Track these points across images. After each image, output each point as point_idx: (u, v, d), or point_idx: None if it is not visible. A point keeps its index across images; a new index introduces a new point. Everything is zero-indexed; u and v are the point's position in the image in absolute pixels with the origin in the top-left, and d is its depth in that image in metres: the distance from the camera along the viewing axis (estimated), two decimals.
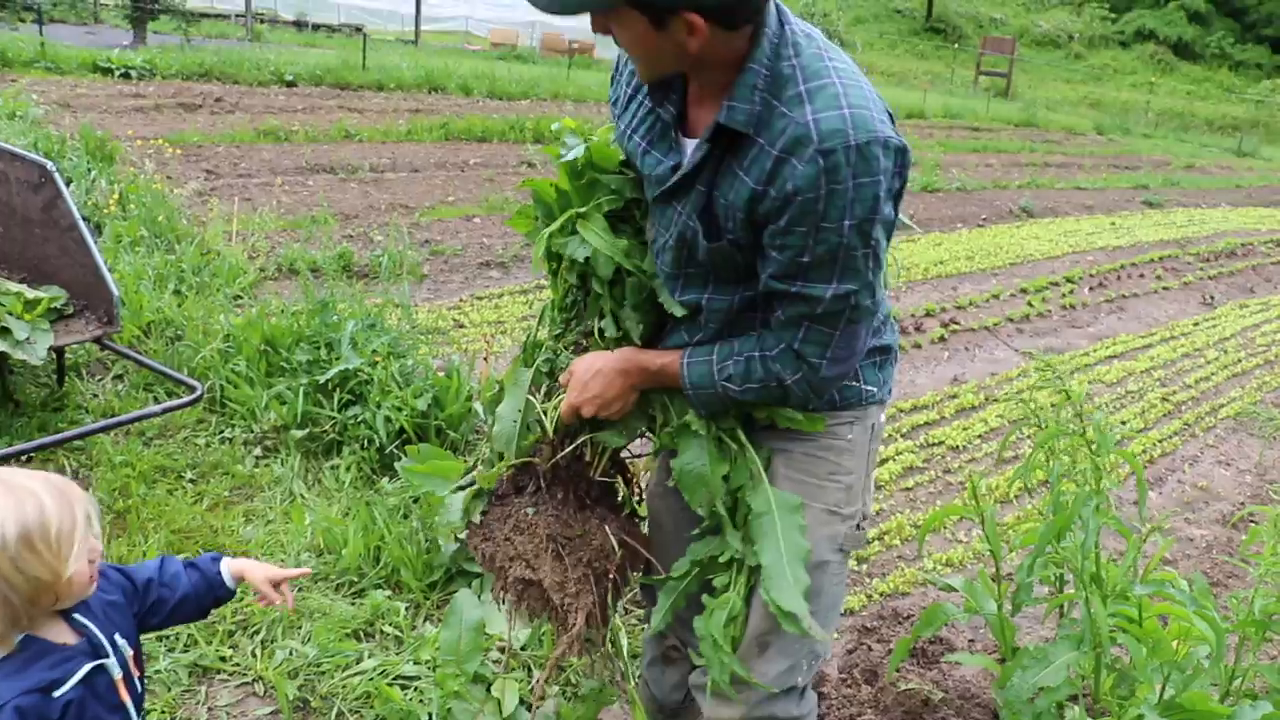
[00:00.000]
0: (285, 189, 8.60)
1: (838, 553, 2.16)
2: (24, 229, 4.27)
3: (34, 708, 1.64)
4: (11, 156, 4.21)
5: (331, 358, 4.43)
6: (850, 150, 1.75)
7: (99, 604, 1.82)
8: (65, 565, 1.64)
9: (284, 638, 3.19)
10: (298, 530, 3.69)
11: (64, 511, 1.66)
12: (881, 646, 3.53)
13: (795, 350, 1.94)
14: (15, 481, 1.65)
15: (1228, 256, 11.37)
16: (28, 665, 1.67)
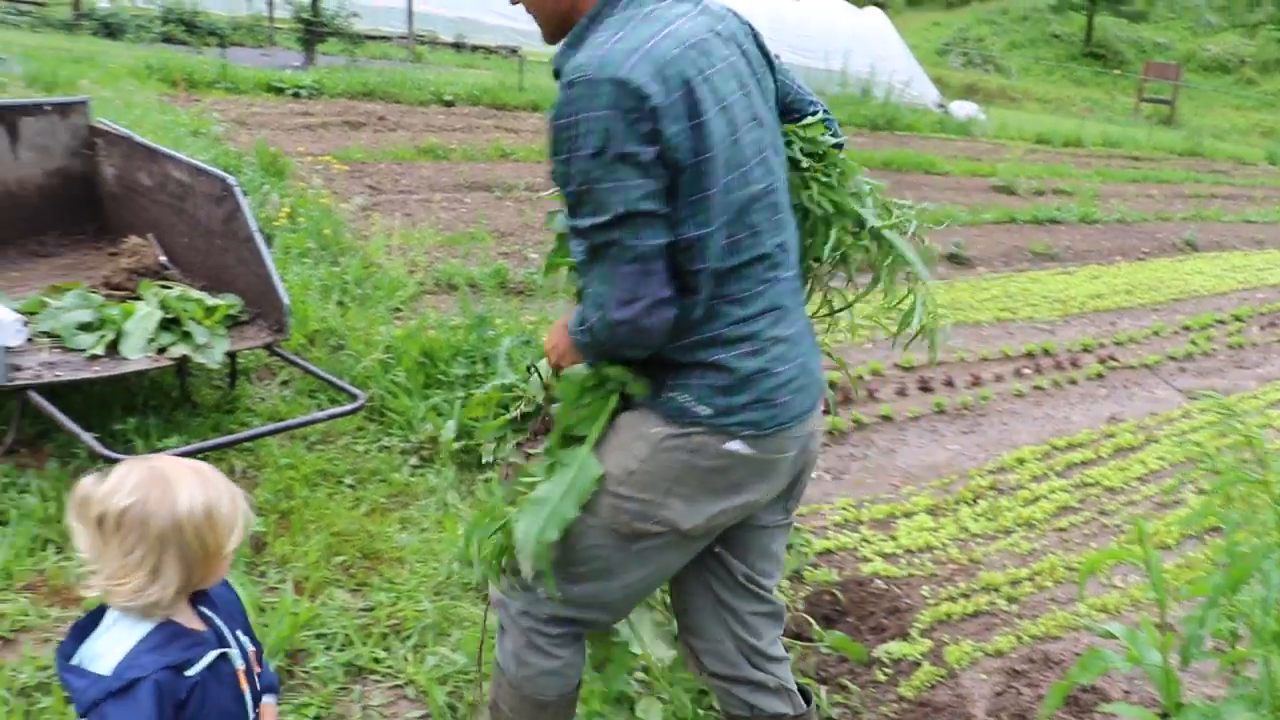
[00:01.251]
0: (443, 205, 8.82)
1: (588, 514, 2.15)
2: (206, 239, 4.48)
3: (169, 684, 1.73)
4: (197, 171, 4.43)
5: (487, 372, 4.52)
6: (584, 83, 1.89)
7: (221, 599, 1.91)
8: (228, 543, 1.77)
9: (434, 644, 3.25)
10: (450, 540, 3.77)
11: (234, 496, 1.80)
12: (1031, 691, 3.43)
13: (589, 291, 2.01)
14: (197, 464, 1.81)
15: None
16: (167, 643, 1.75)
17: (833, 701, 3.27)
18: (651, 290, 1.95)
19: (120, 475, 1.73)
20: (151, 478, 1.73)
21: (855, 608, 3.73)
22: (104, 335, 3.98)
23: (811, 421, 2.29)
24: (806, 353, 2.25)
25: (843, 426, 5.31)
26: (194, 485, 1.74)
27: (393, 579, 3.56)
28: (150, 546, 1.71)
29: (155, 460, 1.80)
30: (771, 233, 2.14)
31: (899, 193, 10.56)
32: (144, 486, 1.71)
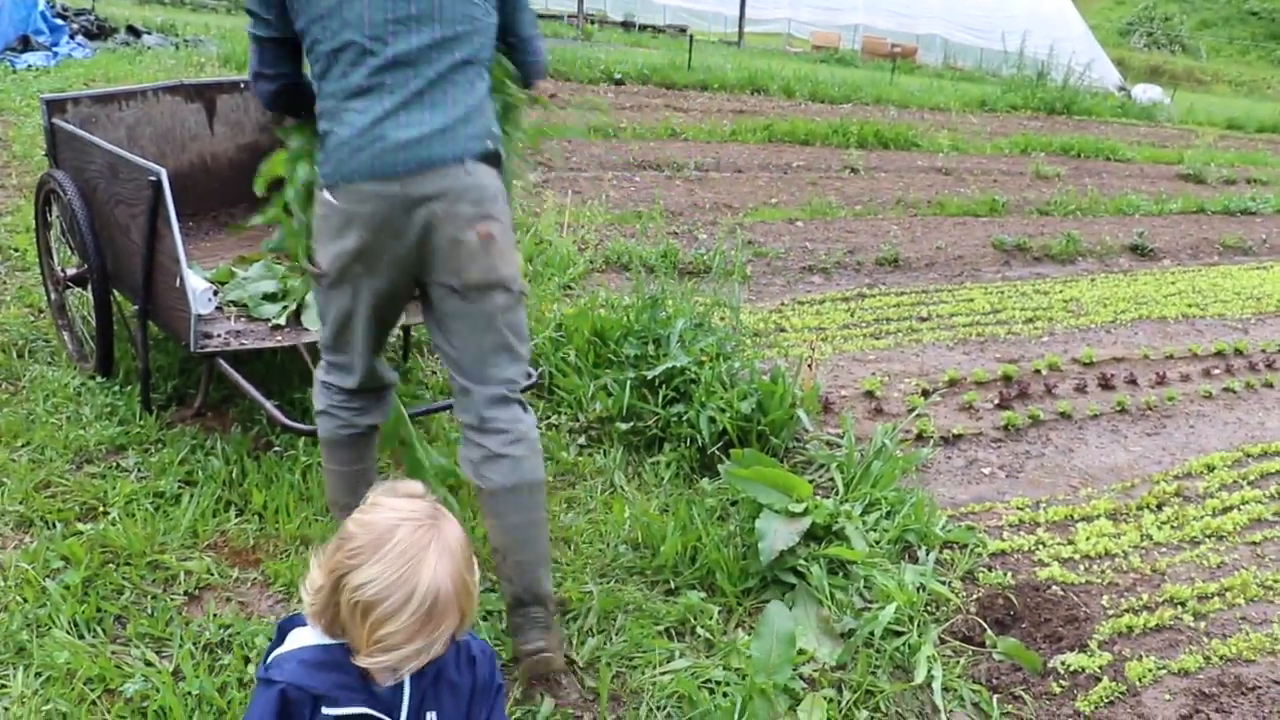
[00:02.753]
0: (613, 184, 8.85)
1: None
2: None
3: (297, 701, 1.73)
4: None
5: (659, 354, 4.50)
6: None
7: (437, 673, 1.85)
8: (379, 629, 1.68)
9: (598, 629, 3.25)
10: (617, 522, 3.77)
11: (421, 588, 1.69)
12: (1221, 718, 3.24)
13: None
14: (441, 534, 1.75)
15: None
16: (322, 667, 1.75)
17: (1004, 712, 3.16)
18: (253, 66, 2.91)
19: (389, 507, 1.76)
20: (387, 531, 1.71)
21: (1030, 614, 3.58)
22: (287, 306, 4.10)
23: (402, 186, 2.65)
24: (390, 125, 2.65)
25: (1018, 422, 5.12)
26: (393, 560, 1.68)
27: (558, 559, 3.57)
28: (327, 578, 1.72)
29: (413, 509, 1.76)
30: (369, 28, 2.63)
31: (1079, 180, 10.23)
32: (374, 529, 1.72)
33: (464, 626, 1.79)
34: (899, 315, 6.59)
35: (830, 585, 3.43)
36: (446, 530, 1.74)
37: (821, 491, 3.91)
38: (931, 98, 17.42)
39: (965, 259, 8.21)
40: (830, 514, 3.61)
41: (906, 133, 13.06)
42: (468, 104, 2.73)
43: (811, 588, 3.41)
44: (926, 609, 3.49)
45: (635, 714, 2.93)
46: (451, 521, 1.78)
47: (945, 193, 10.40)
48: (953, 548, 3.89)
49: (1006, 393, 5.44)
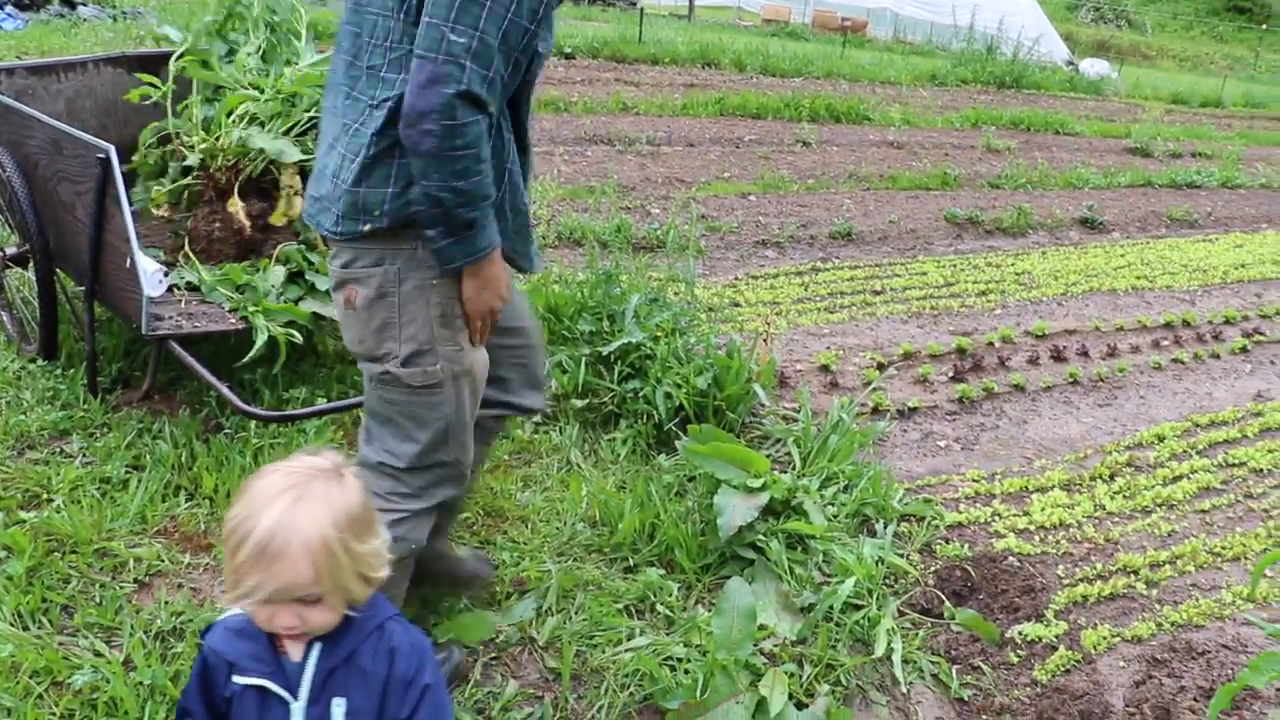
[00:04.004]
0: (565, 159, 8.78)
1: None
2: None
3: (214, 666, 1.76)
4: None
5: (614, 330, 4.46)
6: None
7: (349, 657, 1.78)
8: (233, 556, 1.66)
9: (557, 608, 3.22)
10: (574, 500, 3.74)
11: (259, 513, 1.67)
12: (1173, 682, 3.27)
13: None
14: (285, 473, 1.71)
15: None
16: (242, 636, 1.77)
17: (964, 682, 3.17)
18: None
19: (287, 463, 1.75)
20: (260, 476, 1.71)
21: (987, 585, 3.60)
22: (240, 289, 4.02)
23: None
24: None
25: (973, 395, 5.14)
26: (249, 498, 1.67)
27: (516, 538, 3.54)
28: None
29: (301, 465, 1.74)
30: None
31: (1029, 154, 10.31)
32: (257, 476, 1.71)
33: (336, 595, 1.68)
34: (853, 289, 6.59)
35: (789, 560, 3.42)
36: (330, 488, 1.68)
37: (779, 466, 3.90)
38: (882, 71, 17.45)
39: (918, 232, 8.24)
40: (788, 489, 3.61)
41: (858, 106, 13.07)
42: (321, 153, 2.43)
43: (770, 563, 3.41)
44: (885, 582, 3.50)
45: (596, 692, 2.92)
46: (347, 486, 1.71)
47: (897, 166, 10.43)
48: (910, 520, 3.90)
49: (961, 365, 5.46)
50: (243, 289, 4.01)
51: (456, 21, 2.04)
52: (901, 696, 3.10)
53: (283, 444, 3.79)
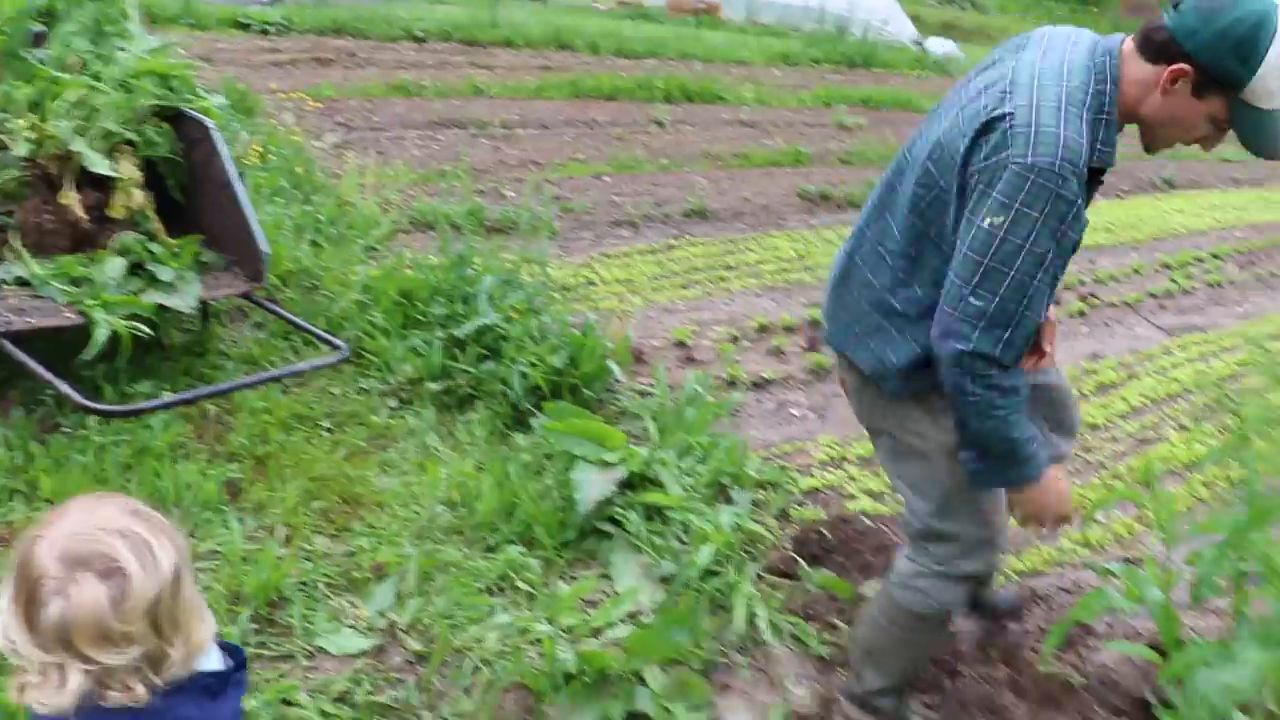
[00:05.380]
0: (417, 143, 8.66)
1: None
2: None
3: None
4: (176, 115, 4.29)
5: (468, 312, 4.43)
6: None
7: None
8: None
9: (418, 591, 3.20)
10: (432, 483, 3.71)
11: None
12: (1018, 626, 3.41)
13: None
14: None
15: None
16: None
17: (822, 640, 3.25)
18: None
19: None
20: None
21: (842, 546, 3.69)
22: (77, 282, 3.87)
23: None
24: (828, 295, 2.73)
25: (826, 364, 5.25)
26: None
27: (373, 523, 3.50)
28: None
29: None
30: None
31: (879, 130, 10.50)
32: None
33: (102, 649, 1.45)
34: (707, 265, 6.66)
35: (648, 531, 3.46)
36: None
37: (636, 440, 3.93)
38: (735, 52, 17.60)
39: (771, 208, 8.36)
40: (645, 461, 3.63)
41: (711, 87, 13.17)
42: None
43: (630, 535, 3.44)
44: (743, 548, 3.56)
45: (459, 672, 2.90)
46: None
47: (750, 144, 10.55)
48: (766, 487, 3.97)
49: (814, 336, 5.58)
50: (79, 282, 3.86)
51: (978, 286, 2.12)
52: (762, 657, 3.16)
53: (127, 441, 3.66)
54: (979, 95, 2.23)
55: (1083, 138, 2.11)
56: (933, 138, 2.31)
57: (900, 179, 2.44)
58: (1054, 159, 2.06)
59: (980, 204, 2.14)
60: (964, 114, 2.23)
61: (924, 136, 2.38)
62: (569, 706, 2.76)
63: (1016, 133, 2.10)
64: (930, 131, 2.35)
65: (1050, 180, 2.06)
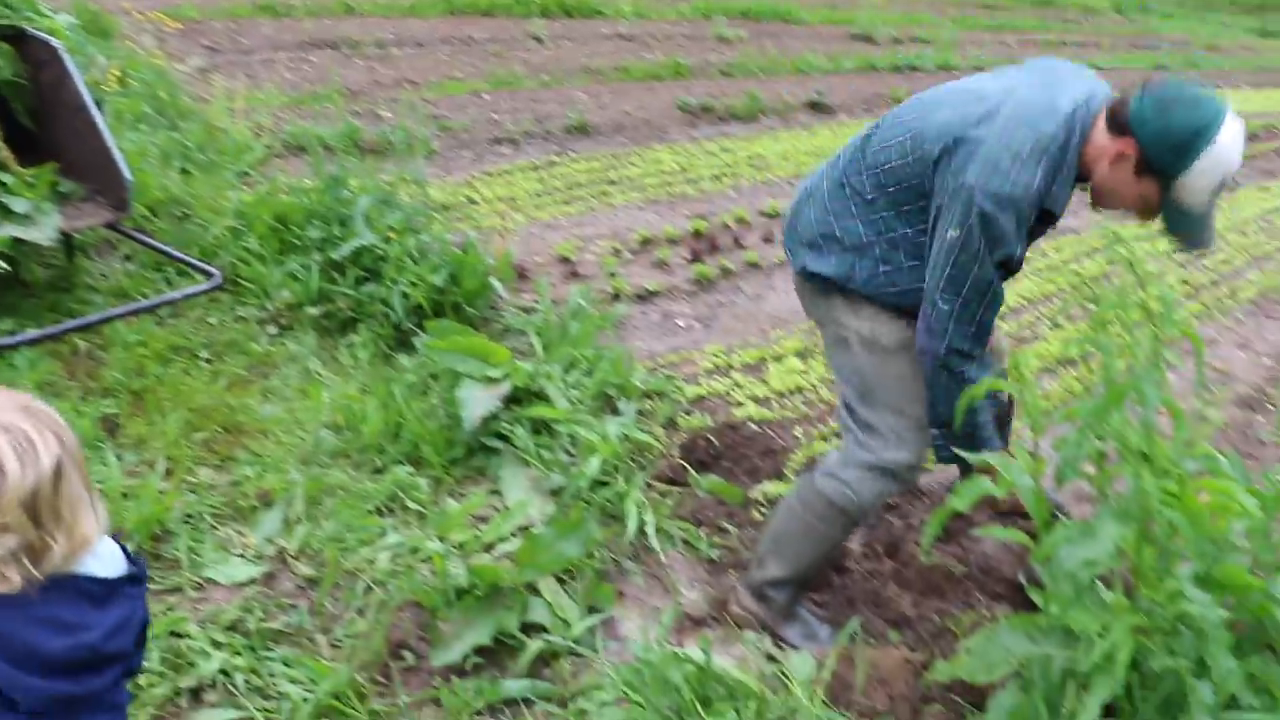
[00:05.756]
0: (288, 65, 8.40)
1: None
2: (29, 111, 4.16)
3: None
4: (18, 35, 4.08)
5: (345, 234, 4.35)
6: None
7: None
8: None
9: (306, 516, 3.17)
10: (316, 408, 3.66)
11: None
12: (902, 522, 3.52)
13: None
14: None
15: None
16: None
17: (712, 543, 3.31)
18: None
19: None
20: None
21: (730, 452, 3.75)
22: None
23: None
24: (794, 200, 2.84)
25: (710, 275, 5.29)
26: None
27: (258, 452, 3.45)
28: None
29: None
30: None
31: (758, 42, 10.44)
32: None
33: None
34: (590, 180, 6.63)
35: (536, 445, 3.47)
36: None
37: (521, 356, 3.92)
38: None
39: (652, 122, 8.32)
40: (530, 376, 3.63)
41: (590, 0, 13.01)
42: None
43: (518, 450, 3.44)
44: (631, 457, 3.59)
45: (351, 593, 2.90)
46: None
47: (630, 58, 10.47)
48: (653, 397, 4.01)
49: (697, 247, 5.60)
50: None
51: (944, 290, 2.42)
52: (655, 563, 3.21)
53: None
54: (972, 102, 2.45)
55: (1035, 181, 2.33)
56: (932, 120, 2.47)
57: (891, 127, 2.57)
58: (1001, 193, 2.31)
59: (944, 215, 2.41)
60: (953, 115, 2.43)
61: (926, 108, 2.53)
62: (463, 621, 2.77)
63: (978, 158, 2.34)
64: (931, 111, 2.50)
65: (993, 209, 2.32)
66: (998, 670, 2.28)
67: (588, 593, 2.97)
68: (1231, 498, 2.01)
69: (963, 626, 2.97)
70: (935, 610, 3.07)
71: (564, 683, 2.69)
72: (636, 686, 2.52)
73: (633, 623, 2.95)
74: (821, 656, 2.80)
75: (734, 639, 2.92)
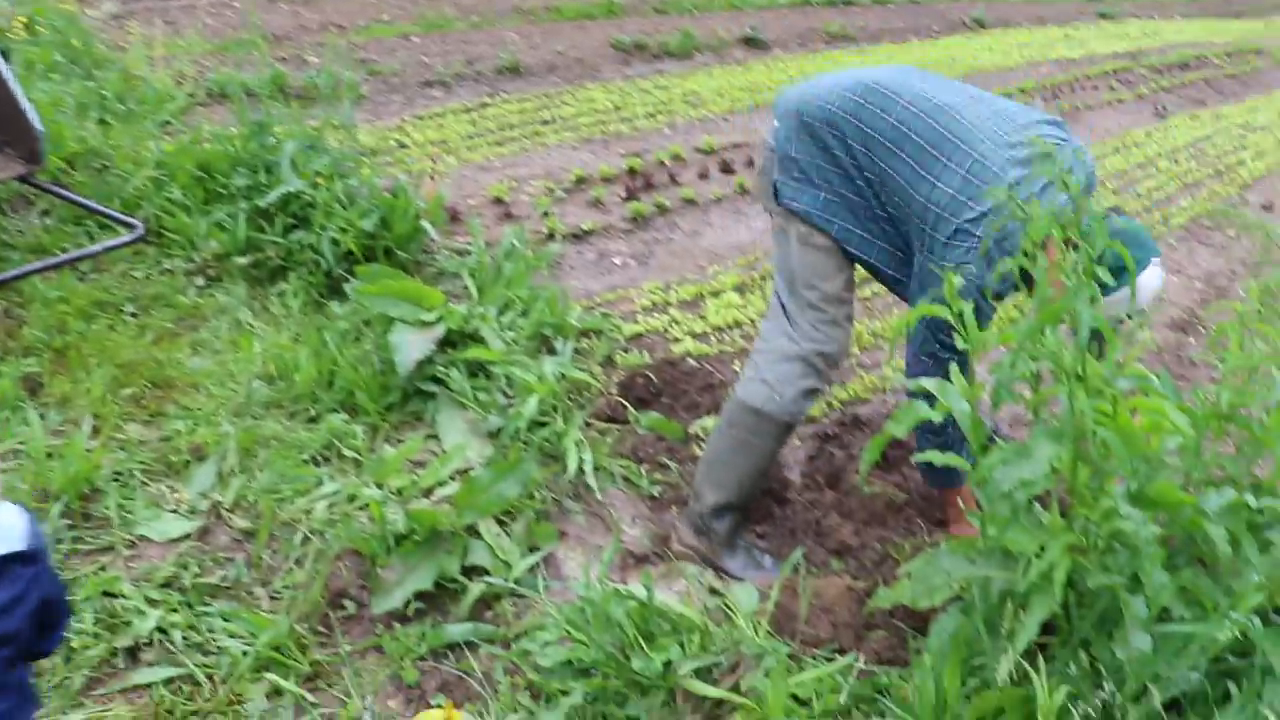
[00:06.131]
0: (209, 10, 8.18)
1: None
2: None
3: None
4: None
5: (271, 181, 4.24)
6: None
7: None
8: None
9: (240, 468, 3.11)
10: (247, 359, 3.59)
11: None
12: (843, 452, 3.52)
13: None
14: None
15: (1180, 68, 11.16)
16: None
17: (652, 480, 3.30)
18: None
19: None
20: None
21: (669, 388, 3.73)
22: None
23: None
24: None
25: (646, 212, 5.24)
26: None
27: (188, 406, 3.37)
28: None
29: None
30: None
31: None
32: None
33: None
34: (522, 121, 6.52)
35: (472, 387, 3.42)
36: None
37: (456, 299, 3.87)
38: None
39: (585, 61, 8.21)
40: (464, 318, 3.58)
41: None
42: None
43: (454, 393, 3.40)
44: (569, 397, 3.56)
45: (290, 544, 2.85)
46: None
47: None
48: (590, 336, 3.97)
49: (633, 185, 5.54)
50: None
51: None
52: (596, 502, 3.19)
53: None
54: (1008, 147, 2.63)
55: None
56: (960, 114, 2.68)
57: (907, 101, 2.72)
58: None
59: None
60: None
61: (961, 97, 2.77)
62: (403, 567, 2.74)
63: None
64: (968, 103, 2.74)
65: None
66: (938, 594, 2.29)
67: (528, 533, 2.95)
68: (1164, 416, 2.01)
69: (904, 553, 2.99)
70: (877, 538, 3.08)
71: (507, 624, 2.68)
72: (579, 625, 2.50)
73: (575, 562, 2.94)
74: (765, 587, 2.81)
75: (676, 574, 2.92)
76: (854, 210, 2.80)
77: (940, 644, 2.30)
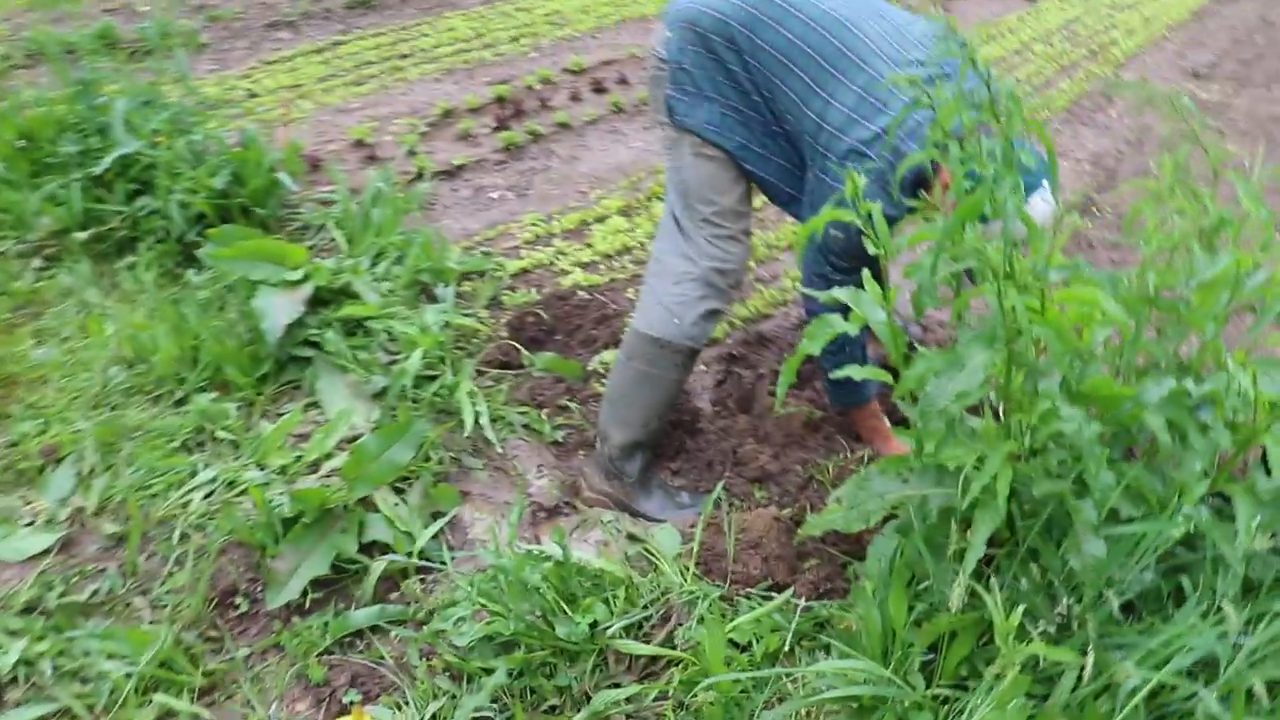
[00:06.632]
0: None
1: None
2: None
3: None
4: None
5: (105, 145, 3.88)
6: None
7: None
8: None
9: (102, 467, 2.82)
10: (99, 344, 3.27)
11: None
12: (751, 373, 3.36)
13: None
14: None
15: None
16: None
17: (555, 425, 3.10)
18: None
19: None
20: None
21: (561, 324, 3.53)
22: None
23: None
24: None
25: (519, 141, 4.97)
26: None
27: (36, 403, 3.06)
28: None
29: None
30: None
31: None
32: None
33: None
34: (380, 58, 6.16)
35: (351, 347, 3.16)
36: None
37: (325, 254, 3.59)
38: None
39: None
40: (334, 273, 3.31)
41: None
42: None
43: (331, 355, 3.13)
44: (457, 346, 3.34)
45: (168, 545, 2.59)
46: None
47: None
48: (472, 278, 3.74)
49: (502, 114, 5.27)
50: None
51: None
52: (498, 455, 2.99)
53: None
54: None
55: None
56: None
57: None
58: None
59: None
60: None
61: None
62: (295, 553, 2.51)
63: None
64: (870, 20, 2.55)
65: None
66: (873, 516, 2.16)
67: (428, 499, 2.74)
68: (1095, 306, 1.86)
69: (828, 475, 2.85)
70: (798, 461, 2.93)
71: (416, 602, 2.47)
72: (494, 596, 2.31)
73: (482, 524, 2.73)
74: (687, 527, 2.66)
75: (591, 525, 2.75)
76: (749, 125, 2.66)
77: (879, 568, 2.18)
